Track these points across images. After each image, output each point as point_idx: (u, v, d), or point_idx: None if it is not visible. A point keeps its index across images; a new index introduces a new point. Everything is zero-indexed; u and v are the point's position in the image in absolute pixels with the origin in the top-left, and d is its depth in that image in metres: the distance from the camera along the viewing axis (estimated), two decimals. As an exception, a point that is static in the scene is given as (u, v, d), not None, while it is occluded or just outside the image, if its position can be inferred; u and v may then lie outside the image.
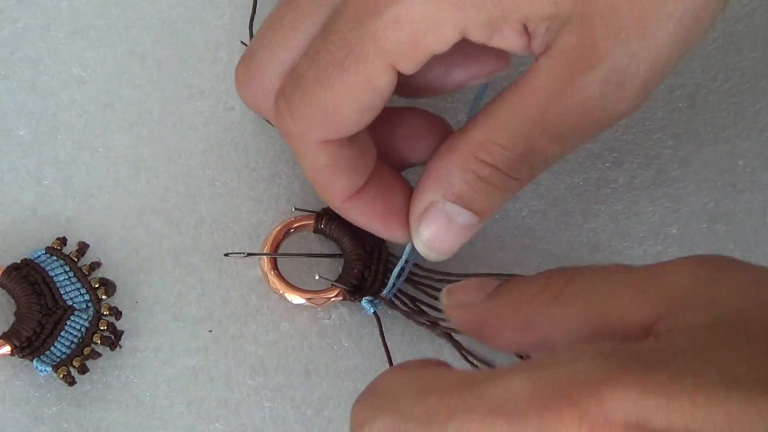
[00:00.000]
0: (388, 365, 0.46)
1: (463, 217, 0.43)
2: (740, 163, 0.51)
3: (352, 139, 0.44)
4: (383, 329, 0.47)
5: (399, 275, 0.47)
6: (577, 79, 0.41)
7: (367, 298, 0.46)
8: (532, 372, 0.33)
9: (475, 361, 0.46)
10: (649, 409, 0.31)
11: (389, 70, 0.42)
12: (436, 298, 0.47)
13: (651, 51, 0.40)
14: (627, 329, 0.36)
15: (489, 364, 0.46)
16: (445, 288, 0.41)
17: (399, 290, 0.47)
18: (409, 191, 0.45)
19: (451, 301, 0.41)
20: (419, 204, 0.44)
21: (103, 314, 0.46)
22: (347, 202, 0.45)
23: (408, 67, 0.42)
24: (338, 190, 0.45)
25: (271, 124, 0.47)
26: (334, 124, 0.43)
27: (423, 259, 0.48)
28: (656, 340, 0.33)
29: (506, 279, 0.39)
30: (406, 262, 0.47)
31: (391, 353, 0.46)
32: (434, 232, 0.44)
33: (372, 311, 0.46)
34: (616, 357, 0.32)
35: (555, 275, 0.39)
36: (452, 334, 0.46)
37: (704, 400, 0.31)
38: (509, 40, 0.42)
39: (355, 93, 0.42)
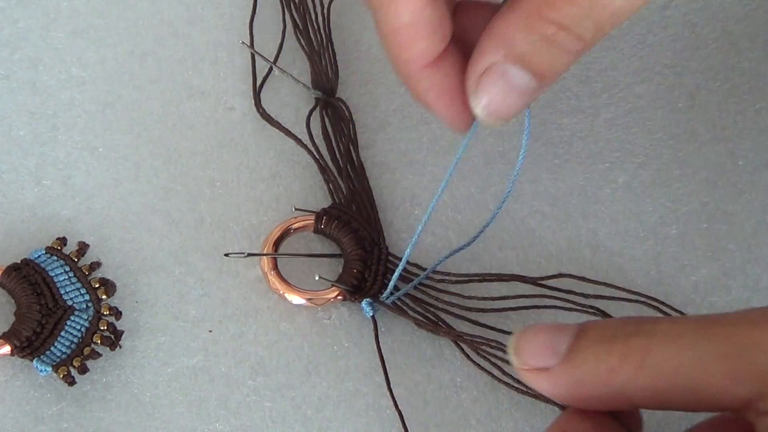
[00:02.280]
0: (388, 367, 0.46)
1: (523, 79, 0.42)
2: (740, 163, 0.51)
3: None
4: (383, 330, 0.47)
5: (404, 280, 0.47)
6: None
7: (367, 300, 0.46)
8: None
9: (476, 364, 0.46)
10: None
11: None
12: (437, 299, 0.47)
13: None
14: (722, 403, 0.36)
15: (486, 370, 0.46)
16: (513, 344, 0.40)
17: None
18: None
19: (521, 364, 0.39)
20: (478, 65, 0.42)
21: (103, 314, 0.46)
22: (424, 70, 0.43)
23: None
24: (417, 54, 0.43)
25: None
26: None
27: (423, 260, 0.48)
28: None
29: (581, 326, 0.39)
30: (411, 264, 0.47)
31: (391, 353, 0.46)
32: (492, 95, 0.42)
33: (371, 314, 0.46)
34: None
35: (632, 339, 0.38)
36: (458, 341, 0.46)
37: None
38: None
39: None
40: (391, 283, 0.46)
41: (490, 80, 0.42)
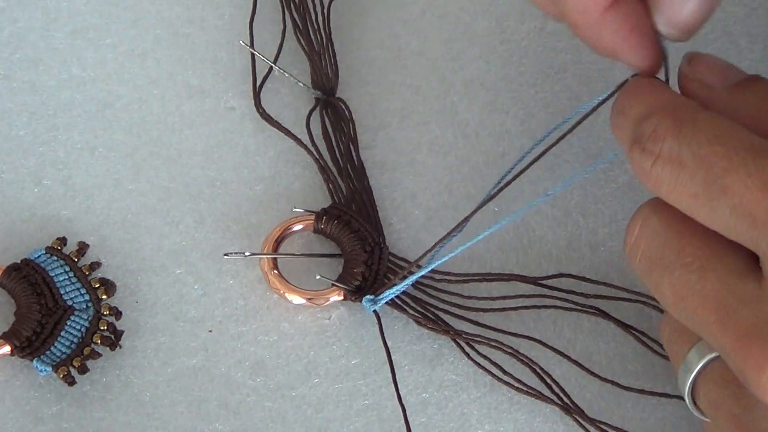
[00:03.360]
0: (388, 364, 0.46)
1: None
2: (740, 163, 0.51)
3: None
4: (384, 327, 0.47)
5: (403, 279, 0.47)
6: None
7: (367, 297, 0.46)
8: None
9: (476, 364, 0.46)
10: None
11: None
12: (437, 298, 0.47)
13: None
14: None
15: (486, 370, 0.46)
16: (688, 55, 0.44)
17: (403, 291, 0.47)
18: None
19: (691, 74, 0.43)
20: None
21: (103, 314, 0.46)
22: (606, 14, 0.43)
23: None
24: None
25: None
26: None
27: (424, 260, 0.48)
28: None
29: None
30: (409, 263, 0.47)
31: (391, 353, 0.46)
32: (674, 6, 0.42)
33: (372, 310, 0.46)
34: None
35: None
36: (457, 339, 0.46)
37: None
38: None
39: None
40: (400, 286, 0.46)
41: None
